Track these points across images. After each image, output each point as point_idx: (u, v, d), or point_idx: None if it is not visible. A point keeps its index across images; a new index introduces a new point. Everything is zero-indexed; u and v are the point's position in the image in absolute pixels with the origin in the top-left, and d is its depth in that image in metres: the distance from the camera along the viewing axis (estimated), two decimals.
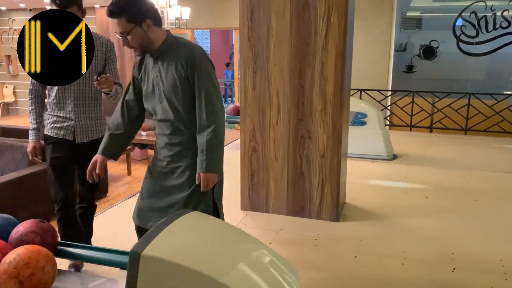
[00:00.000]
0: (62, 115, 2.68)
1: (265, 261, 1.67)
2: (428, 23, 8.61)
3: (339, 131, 3.31)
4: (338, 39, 3.18)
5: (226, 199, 3.97)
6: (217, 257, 1.58)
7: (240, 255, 1.66)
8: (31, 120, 2.72)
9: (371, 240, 3.17)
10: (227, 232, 1.80)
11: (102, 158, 2.28)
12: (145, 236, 1.54)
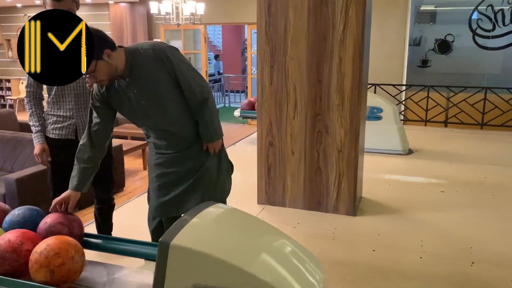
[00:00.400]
0: (62, 114, 2.66)
1: (290, 252, 1.69)
2: (442, 17, 8.51)
3: (356, 125, 3.31)
4: (356, 33, 3.18)
5: (243, 193, 4.03)
6: (244, 247, 1.61)
7: (265, 245, 1.68)
8: (33, 123, 2.71)
9: (388, 234, 3.18)
10: (251, 223, 1.83)
11: (75, 194, 2.18)
12: (173, 227, 1.57)
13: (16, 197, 3.92)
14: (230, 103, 12.94)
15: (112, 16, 9.73)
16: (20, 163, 4.56)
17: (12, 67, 11.39)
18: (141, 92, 2.13)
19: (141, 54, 2.11)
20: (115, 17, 9.70)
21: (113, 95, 2.16)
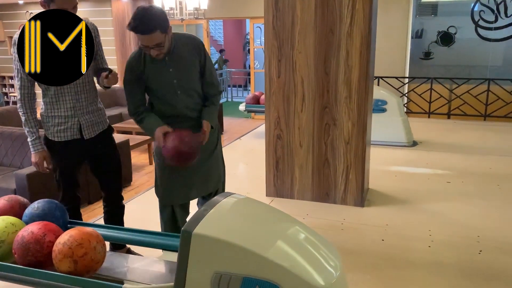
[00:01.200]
0: (63, 114, 2.48)
1: (307, 239, 1.74)
2: (444, 9, 8.52)
3: (364, 117, 3.35)
4: (363, 26, 3.21)
5: (251, 185, 4.08)
6: (262, 234, 1.66)
7: (283, 233, 1.73)
8: (30, 129, 2.49)
9: (397, 224, 3.23)
10: (268, 212, 1.88)
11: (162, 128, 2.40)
12: (194, 217, 1.62)
13: (27, 193, 3.96)
14: (232, 98, 12.96)
15: (114, 11, 9.73)
16: (29, 159, 4.59)
17: None
18: (176, 71, 2.39)
19: (183, 39, 2.43)
20: (117, 13, 9.70)
21: (150, 69, 2.39)
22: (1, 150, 4.77)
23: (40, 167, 2.54)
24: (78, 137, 2.54)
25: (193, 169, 2.49)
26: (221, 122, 8.12)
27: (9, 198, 2.21)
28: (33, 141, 2.50)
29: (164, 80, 2.39)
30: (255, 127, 7.43)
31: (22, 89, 2.47)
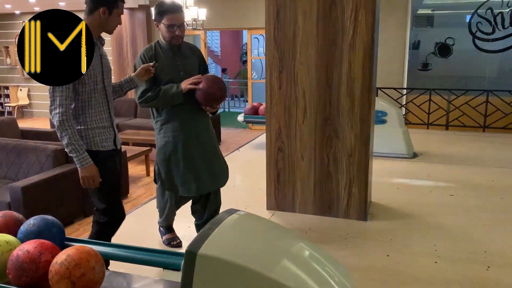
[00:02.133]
0: (105, 124, 2.44)
1: (316, 260, 1.67)
2: (440, 20, 8.55)
3: (367, 130, 3.30)
4: (365, 38, 3.18)
5: (251, 198, 4.01)
6: (269, 254, 1.59)
7: (291, 253, 1.66)
8: (76, 143, 2.27)
9: (401, 239, 3.16)
10: (275, 230, 1.80)
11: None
12: (198, 236, 1.55)
13: (22, 206, 3.87)
14: (230, 108, 12.92)
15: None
16: (24, 171, 4.51)
17: (10, 74, 11.33)
18: (183, 65, 2.85)
19: (186, 44, 2.94)
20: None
21: (162, 61, 2.78)
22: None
23: (95, 181, 2.34)
24: (114, 148, 2.49)
25: (208, 160, 2.93)
26: (218, 132, 8.06)
27: (3, 214, 2.13)
28: (83, 155, 2.28)
29: (173, 71, 2.80)
30: (253, 137, 7.37)
31: (66, 100, 2.25)
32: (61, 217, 4.27)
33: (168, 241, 3.16)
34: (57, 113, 2.22)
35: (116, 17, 2.33)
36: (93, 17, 2.29)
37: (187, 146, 2.84)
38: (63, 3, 8.51)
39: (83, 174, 2.31)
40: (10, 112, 11.25)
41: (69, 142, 2.24)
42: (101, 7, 2.27)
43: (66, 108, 2.23)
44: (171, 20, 2.69)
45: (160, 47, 2.83)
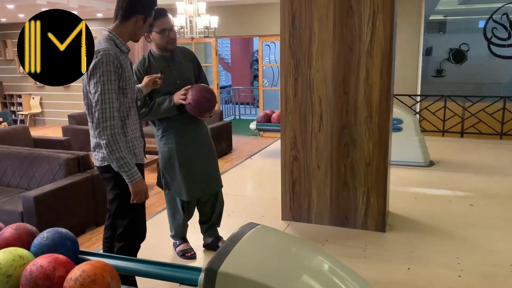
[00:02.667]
0: (138, 134, 2.32)
1: (340, 277, 1.59)
2: (453, 26, 8.45)
3: (385, 138, 3.22)
4: (383, 44, 3.10)
5: (266, 208, 3.93)
6: (291, 271, 1.52)
7: (313, 269, 1.59)
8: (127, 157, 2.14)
9: (422, 251, 3.06)
10: (296, 245, 1.73)
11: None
12: (219, 253, 1.48)
13: (34, 215, 3.84)
14: (240, 115, 12.87)
15: None
16: (37, 180, 4.49)
17: (23, 82, 11.43)
18: (179, 73, 2.85)
19: (179, 49, 2.92)
20: None
21: (156, 67, 2.80)
22: (8, 171, 4.66)
23: (147, 195, 2.23)
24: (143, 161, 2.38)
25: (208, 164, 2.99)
26: (230, 140, 8.00)
27: (16, 226, 2.08)
28: (134, 169, 2.14)
29: (170, 80, 2.79)
30: (265, 145, 7.30)
31: (116, 112, 2.11)
32: (73, 227, 4.26)
33: (182, 253, 3.11)
34: (108, 126, 2.07)
35: (146, 26, 2.25)
36: (127, 24, 2.17)
37: (189, 151, 2.90)
38: (75, 11, 8.56)
39: (135, 189, 2.17)
40: (23, 120, 11.33)
41: (121, 156, 2.10)
42: (138, 15, 2.17)
43: (117, 121, 2.10)
44: (162, 25, 2.71)
45: (153, 58, 2.82)
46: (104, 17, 9.95)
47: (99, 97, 2.04)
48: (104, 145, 2.08)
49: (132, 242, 2.36)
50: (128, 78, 2.17)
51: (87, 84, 2.11)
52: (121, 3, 2.14)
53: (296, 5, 3.26)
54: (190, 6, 5.99)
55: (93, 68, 2.04)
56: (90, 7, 7.84)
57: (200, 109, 2.76)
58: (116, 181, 2.23)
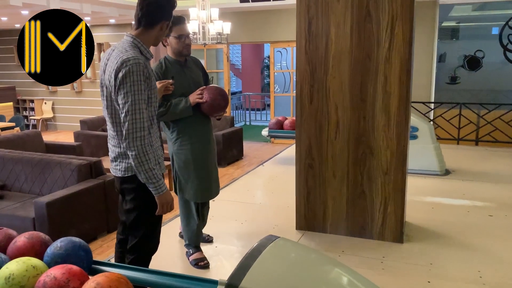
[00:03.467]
0: (160, 144, 2.27)
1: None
2: (466, 32, 8.34)
3: (404, 146, 3.14)
4: (402, 50, 3.04)
5: (279, 217, 3.86)
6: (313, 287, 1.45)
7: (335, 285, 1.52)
8: (156, 166, 2.09)
9: (442, 263, 2.97)
10: (318, 259, 1.66)
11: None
12: (239, 268, 1.42)
13: (47, 222, 3.81)
14: (251, 121, 12.83)
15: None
16: (49, 186, 4.47)
17: (35, 87, 11.51)
18: (192, 78, 2.98)
19: (192, 57, 3.09)
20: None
21: (172, 71, 2.89)
22: (20, 176, 4.65)
23: (172, 206, 2.16)
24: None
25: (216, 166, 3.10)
26: (240, 146, 7.95)
27: (29, 235, 2.03)
28: (161, 180, 2.09)
29: (184, 84, 2.91)
30: (276, 152, 7.24)
31: (147, 121, 2.04)
32: (85, 233, 4.22)
33: (196, 262, 3.06)
34: (138, 137, 1.99)
35: (167, 31, 2.21)
36: (152, 31, 2.10)
37: (202, 154, 2.98)
38: (88, 17, 8.61)
39: (162, 201, 2.11)
40: (35, 125, 11.40)
41: (150, 168, 2.03)
42: (164, 21, 2.12)
43: (146, 131, 2.03)
44: (180, 31, 2.82)
45: (169, 62, 2.93)
46: (116, 23, 10.00)
47: (130, 108, 1.97)
48: (134, 157, 2.02)
49: (144, 255, 2.30)
50: (154, 87, 2.11)
51: (114, 93, 2.02)
52: (146, 10, 2.06)
53: (313, 11, 3.21)
54: (203, 12, 5.97)
55: (123, 78, 1.95)
56: (102, 13, 7.87)
57: (216, 106, 2.89)
58: (137, 192, 2.17)
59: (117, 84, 1.99)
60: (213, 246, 3.29)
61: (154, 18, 2.08)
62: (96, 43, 10.28)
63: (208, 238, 3.34)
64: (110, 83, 2.03)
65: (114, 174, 2.27)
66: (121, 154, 2.16)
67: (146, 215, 2.21)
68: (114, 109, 2.10)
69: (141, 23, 2.09)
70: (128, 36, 2.10)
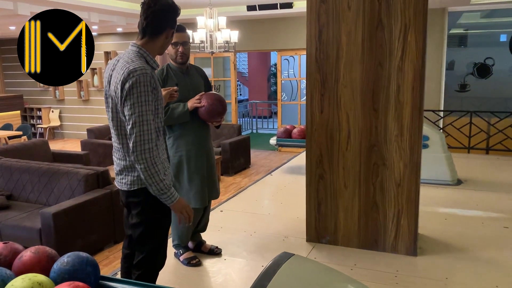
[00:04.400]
0: (166, 156, 2.25)
1: None
2: (474, 40, 8.27)
3: (417, 158, 3.07)
4: (415, 59, 2.98)
5: (289, 228, 3.79)
6: None
7: None
8: (165, 177, 2.07)
9: (458, 277, 2.88)
10: (335, 279, 1.59)
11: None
12: (255, 286, 1.36)
13: (53, 232, 3.76)
14: (257, 129, 12.79)
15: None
16: (56, 196, 4.43)
17: (43, 96, 11.56)
18: (192, 85, 3.04)
19: (193, 66, 3.17)
20: None
21: (173, 78, 2.96)
22: (27, 186, 4.63)
23: (190, 211, 2.12)
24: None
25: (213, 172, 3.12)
26: (248, 155, 7.90)
27: (36, 250, 1.98)
28: (172, 189, 2.05)
29: (183, 90, 2.94)
30: (283, 160, 7.17)
31: (154, 133, 1.99)
32: (92, 244, 4.17)
33: (188, 260, 3.12)
34: (146, 150, 1.95)
35: (170, 38, 2.16)
36: (157, 40, 2.07)
37: (198, 160, 3.01)
38: (95, 26, 8.64)
39: (178, 208, 2.06)
40: (42, 133, 11.43)
41: (160, 179, 1.99)
42: (169, 29, 2.08)
43: (154, 143, 1.99)
44: (175, 38, 2.83)
45: (171, 69, 3.00)
46: (123, 32, 10.03)
47: (137, 119, 1.92)
48: (143, 169, 1.97)
49: (151, 270, 2.23)
50: (160, 97, 2.06)
51: (120, 105, 1.97)
52: (150, 20, 2.02)
53: (323, 19, 3.16)
54: (210, 21, 5.95)
55: (130, 88, 1.91)
56: (110, 22, 7.89)
57: (213, 111, 2.94)
58: (144, 207, 2.12)
59: (123, 95, 1.94)
60: (222, 258, 3.22)
61: (159, 27, 2.04)
62: (104, 52, 10.31)
63: (217, 250, 3.27)
64: (116, 94, 1.98)
65: (119, 188, 2.21)
66: (127, 167, 2.10)
67: (153, 230, 2.16)
68: (119, 121, 2.05)
69: (146, 32, 2.05)
70: (134, 46, 2.06)
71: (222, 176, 7.11)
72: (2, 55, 11.80)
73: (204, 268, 3.11)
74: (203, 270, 3.08)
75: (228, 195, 5.47)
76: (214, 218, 3.87)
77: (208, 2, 6.28)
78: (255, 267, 3.04)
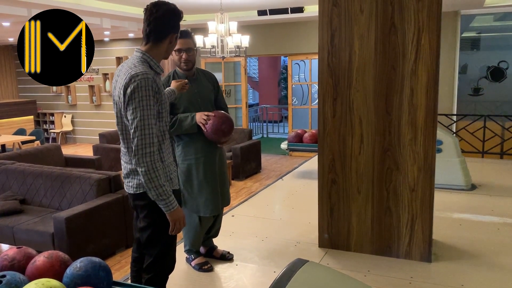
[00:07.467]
0: (172, 159, 2.23)
1: None
2: (487, 43, 8.17)
3: (431, 162, 3.02)
4: (429, 63, 2.94)
5: (301, 234, 3.76)
6: None
7: None
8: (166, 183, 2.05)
9: (473, 284, 2.82)
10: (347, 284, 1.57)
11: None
12: None
13: (65, 237, 3.77)
14: (268, 134, 12.77)
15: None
16: (68, 200, 4.45)
17: (56, 101, 11.68)
18: (199, 92, 2.99)
19: (203, 72, 3.12)
20: None
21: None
22: (40, 190, 4.66)
23: (184, 223, 2.11)
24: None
25: (224, 180, 3.09)
26: (259, 159, 7.88)
27: (49, 254, 1.98)
28: (171, 197, 2.03)
29: (191, 98, 2.93)
30: (294, 165, 7.14)
31: (156, 137, 2.01)
32: (104, 248, 4.17)
33: (199, 266, 3.12)
34: (147, 153, 1.96)
35: (174, 43, 2.18)
36: (161, 45, 2.09)
37: (207, 168, 2.97)
38: (107, 32, 8.72)
39: (173, 218, 2.05)
40: (54, 138, 11.54)
41: (160, 184, 1.98)
42: (173, 34, 2.10)
43: (156, 147, 2.00)
44: (178, 45, 2.80)
45: (177, 75, 2.97)
46: (135, 37, 10.10)
47: (139, 123, 1.94)
48: (143, 173, 1.98)
49: (161, 274, 2.23)
50: (164, 101, 2.09)
51: (124, 109, 2.01)
52: (154, 26, 2.05)
53: (336, 23, 3.14)
54: (221, 26, 5.96)
55: (131, 93, 1.94)
56: (122, 27, 7.96)
57: (214, 139, 2.92)
58: (150, 210, 2.12)
59: (126, 100, 1.98)
60: (234, 264, 3.20)
61: (162, 32, 2.08)
62: (115, 57, 10.39)
63: (228, 256, 3.26)
64: (120, 99, 2.02)
65: (127, 191, 2.23)
66: (133, 170, 2.12)
67: (161, 233, 2.15)
68: (124, 125, 2.09)
69: (149, 38, 2.08)
70: (138, 52, 2.10)
71: (233, 180, 7.10)
72: (16, 61, 11.96)
73: (216, 274, 3.09)
74: (214, 276, 3.07)
75: (239, 200, 5.46)
76: (225, 223, 3.85)
77: (219, 7, 6.30)
78: (267, 273, 3.02)
